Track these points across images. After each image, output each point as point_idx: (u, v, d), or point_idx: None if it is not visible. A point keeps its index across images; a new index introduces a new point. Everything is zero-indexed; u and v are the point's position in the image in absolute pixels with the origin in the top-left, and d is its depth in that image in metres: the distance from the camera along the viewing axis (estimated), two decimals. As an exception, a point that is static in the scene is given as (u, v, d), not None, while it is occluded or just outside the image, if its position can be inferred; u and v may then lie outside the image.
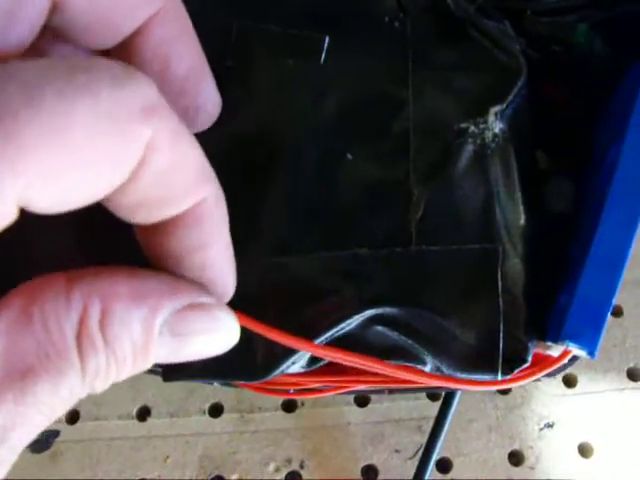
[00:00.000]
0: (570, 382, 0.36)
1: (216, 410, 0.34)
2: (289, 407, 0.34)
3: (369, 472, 0.34)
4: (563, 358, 0.24)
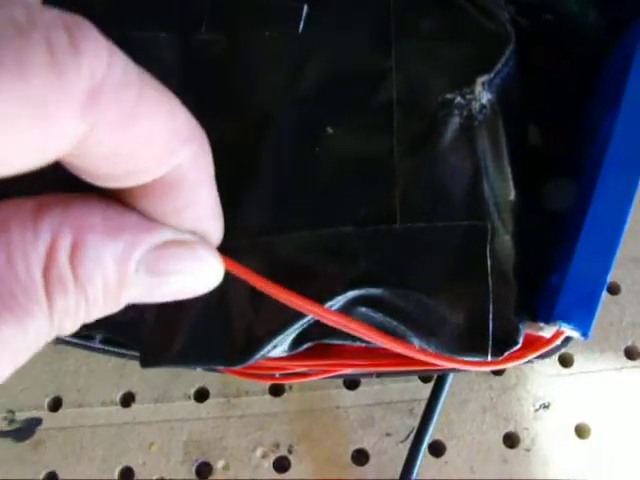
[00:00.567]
0: (566, 362, 0.35)
1: (201, 395, 0.34)
2: (276, 391, 0.33)
3: (359, 456, 0.33)
4: (555, 339, 0.23)
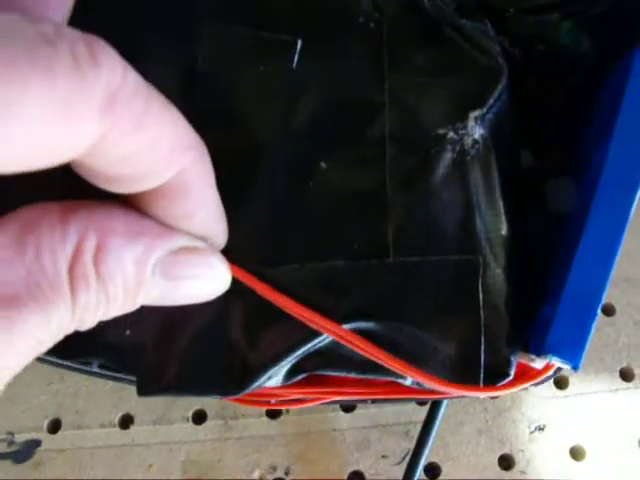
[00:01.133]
0: (561, 384, 0.36)
1: (200, 417, 0.34)
2: (273, 414, 0.34)
3: (356, 478, 0.33)
4: (546, 371, 0.24)
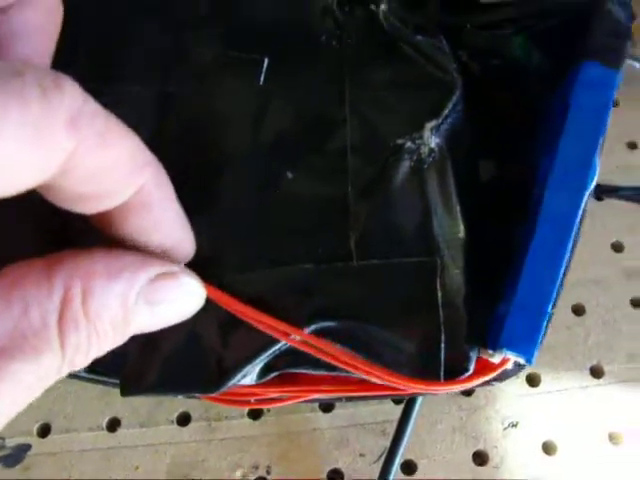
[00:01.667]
0: (533, 381, 0.37)
1: (184, 419, 0.35)
2: (255, 415, 0.35)
3: (335, 476, 0.34)
4: (502, 365, 0.25)
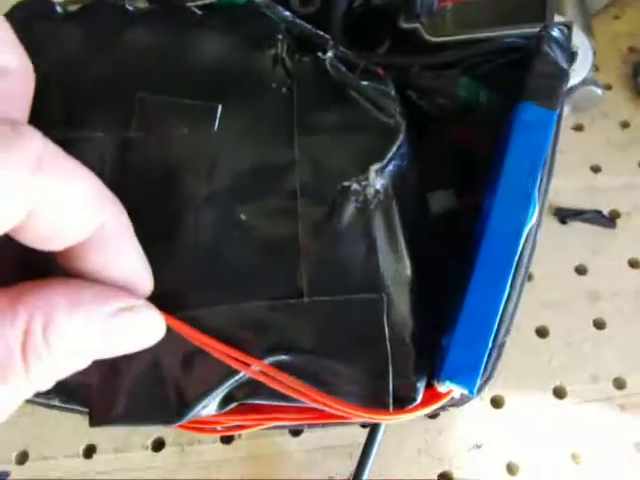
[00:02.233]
0: (498, 403, 0.38)
1: (158, 444, 0.37)
2: (227, 439, 0.36)
3: (304, 498, 0.36)
4: (446, 396, 0.26)
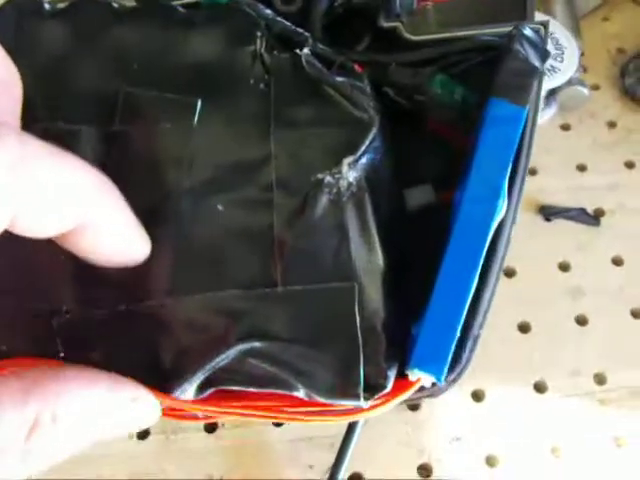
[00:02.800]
0: (478, 396, 0.39)
1: (144, 432, 0.37)
2: (210, 428, 0.37)
3: (285, 488, 0.36)
4: (415, 384, 0.27)
